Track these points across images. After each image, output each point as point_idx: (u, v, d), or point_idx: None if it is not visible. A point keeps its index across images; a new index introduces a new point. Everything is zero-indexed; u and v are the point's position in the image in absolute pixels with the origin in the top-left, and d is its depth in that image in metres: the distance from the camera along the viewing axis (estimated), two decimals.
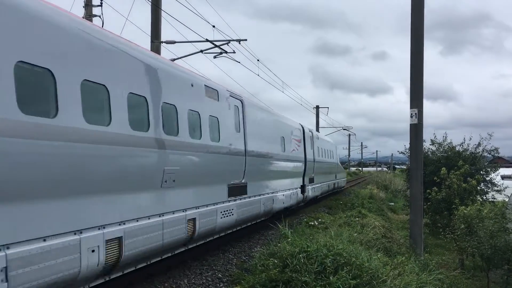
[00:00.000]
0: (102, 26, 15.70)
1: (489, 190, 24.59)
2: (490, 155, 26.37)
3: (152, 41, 16.26)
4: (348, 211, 20.48)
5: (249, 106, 12.68)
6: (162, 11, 16.21)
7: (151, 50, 16.37)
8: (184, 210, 8.61)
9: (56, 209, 5.55)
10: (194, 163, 9.12)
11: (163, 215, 7.86)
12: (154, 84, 7.78)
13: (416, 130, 13.96)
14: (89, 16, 15.75)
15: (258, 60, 21.60)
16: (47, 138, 5.35)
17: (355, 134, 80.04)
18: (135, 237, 6.97)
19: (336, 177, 30.30)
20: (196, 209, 9.06)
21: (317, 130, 44.27)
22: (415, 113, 13.78)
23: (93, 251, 6.04)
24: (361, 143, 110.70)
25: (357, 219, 17.14)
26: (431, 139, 26.74)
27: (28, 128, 5.08)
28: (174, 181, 8.11)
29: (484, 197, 23.69)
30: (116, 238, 6.54)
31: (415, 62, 13.92)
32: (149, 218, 7.40)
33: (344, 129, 64.67)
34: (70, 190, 5.78)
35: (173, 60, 16.90)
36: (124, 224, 6.74)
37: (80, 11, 15.92)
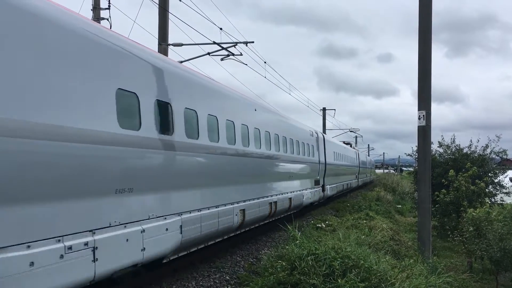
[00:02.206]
0: (110, 29, 15.81)
1: (497, 193, 24.41)
2: (498, 157, 26.19)
3: (159, 44, 16.31)
4: (356, 213, 20.40)
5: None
6: (169, 14, 16.27)
7: (158, 53, 16.44)
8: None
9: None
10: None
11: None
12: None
13: (424, 132, 13.87)
14: (97, 19, 15.81)
15: (265, 62, 21.56)
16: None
17: (361, 136, 79.78)
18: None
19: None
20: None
21: (324, 132, 44.17)
22: (423, 115, 13.68)
23: None
24: (368, 145, 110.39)
25: (364, 221, 17.06)
26: (438, 141, 26.59)
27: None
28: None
29: (493, 200, 23.52)
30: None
31: (423, 64, 13.84)
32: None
33: (351, 131, 64.49)
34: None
35: (181, 62, 16.93)
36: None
37: (88, 14, 15.99)
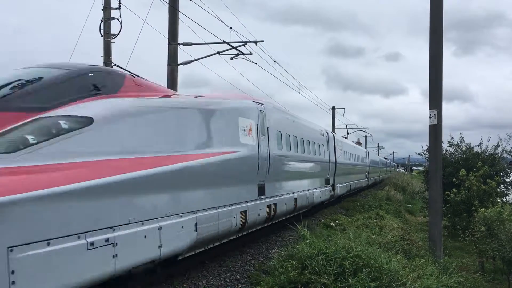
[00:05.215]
0: (120, 28, 15.85)
1: (509, 192, 24.24)
2: (510, 156, 25.99)
3: (169, 43, 16.37)
4: (366, 212, 20.33)
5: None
6: (179, 13, 16.32)
7: (168, 52, 16.51)
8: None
9: None
10: None
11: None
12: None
13: (435, 131, 13.76)
14: (107, 19, 15.90)
15: (275, 61, 21.57)
16: None
17: (371, 135, 79.48)
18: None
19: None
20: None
21: (334, 131, 44.05)
22: (434, 114, 13.57)
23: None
24: (378, 144, 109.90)
25: (375, 220, 16.98)
26: (448, 141, 26.45)
27: None
28: None
29: (504, 199, 23.35)
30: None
31: (434, 63, 13.73)
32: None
33: (361, 130, 64.36)
34: None
35: (191, 61, 17.00)
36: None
37: (99, 14, 16.09)
